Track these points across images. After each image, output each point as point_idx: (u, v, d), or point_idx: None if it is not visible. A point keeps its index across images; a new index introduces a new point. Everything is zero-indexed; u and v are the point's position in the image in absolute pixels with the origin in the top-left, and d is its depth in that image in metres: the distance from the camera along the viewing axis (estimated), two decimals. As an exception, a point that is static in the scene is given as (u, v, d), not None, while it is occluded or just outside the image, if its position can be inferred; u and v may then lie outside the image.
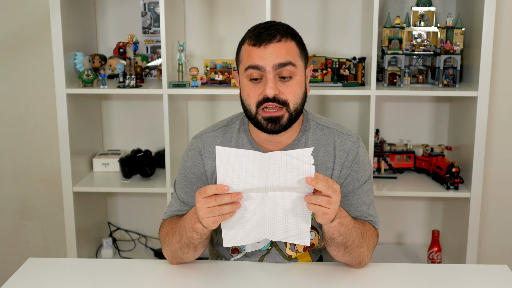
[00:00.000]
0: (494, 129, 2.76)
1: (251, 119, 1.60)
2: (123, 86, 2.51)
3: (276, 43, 1.54)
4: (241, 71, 1.60)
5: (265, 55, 1.54)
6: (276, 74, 1.55)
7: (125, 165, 2.63)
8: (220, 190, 1.41)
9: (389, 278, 1.61)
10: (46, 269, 1.66)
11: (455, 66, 2.48)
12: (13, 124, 2.89)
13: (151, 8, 2.76)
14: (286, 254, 1.69)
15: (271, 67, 1.53)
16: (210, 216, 1.44)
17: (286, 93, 1.55)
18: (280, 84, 1.55)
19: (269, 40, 1.54)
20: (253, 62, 1.54)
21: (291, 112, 1.57)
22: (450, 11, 2.67)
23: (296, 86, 1.56)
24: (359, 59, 2.56)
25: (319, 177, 1.40)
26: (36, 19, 2.76)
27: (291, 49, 1.56)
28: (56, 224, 2.96)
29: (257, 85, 1.56)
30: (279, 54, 1.54)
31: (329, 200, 1.41)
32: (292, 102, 1.56)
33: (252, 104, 1.57)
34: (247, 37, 1.59)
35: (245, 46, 1.59)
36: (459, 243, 2.60)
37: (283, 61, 1.54)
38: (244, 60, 1.58)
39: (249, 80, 1.57)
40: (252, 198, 1.44)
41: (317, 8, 2.72)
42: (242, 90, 1.61)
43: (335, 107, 2.80)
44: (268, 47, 1.54)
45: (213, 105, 2.84)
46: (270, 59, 1.53)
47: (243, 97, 1.60)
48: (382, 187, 2.56)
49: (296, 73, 1.56)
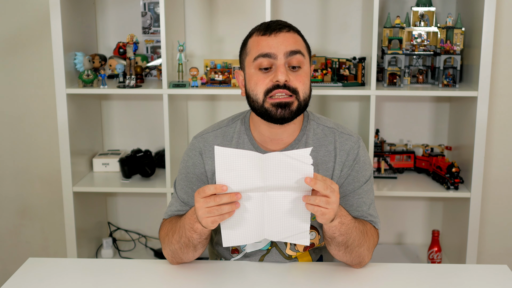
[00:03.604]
0: (494, 129, 2.76)
1: (257, 110, 1.58)
2: (123, 86, 2.51)
3: (286, 33, 1.58)
4: (248, 63, 1.60)
5: (275, 43, 1.56)
6: (286, 62, 1.56)
7: (125, 165, 2.63)
8: (219, 190, 1.41)
9: (389, 278, 1.61)
10: (46, 269, 1.66)
11: (455, 66, 2.48)
12: (13, 124, 2.89)
13: (151, 8, 2.76)
14: (286, 254, 1.69)
15: (282, 54, 1.55)
16: (209, 216, 1.44)
17: (296, 81, 1.56)
18: (290, 72, 1.56)
19: (279, 29, 1.57)
20: (264, 51, 1.55)
21: (300, 101, 1.56)
22: (450, 11, 2.67)
23: (304, 76, 1.58)
24: (359, 59, 2.56)
25: (318, 177, 1.39)
26: (36, 19, 2.76)
27: (299, 41, 1.60)
28: (56, 224, 2.96)
29: (266, 74, 1.56)
30: (289, 42, 1.56)
31: (327, 200, 1.41)
32: (301, 91, 1.56)
33: (260, 93, 1.56)
34: (254, 31, 1.62)
35: (253, 38, 1.60)
36: (459, 243, 2.60)
37: (294, 49, 1.56)
38: (252, 50, 1.58)
39: (257, 70, 1.57)
40: (251, 198, 1.43)
41: (317, 8, 2.72)
42: (249, 81, 1.60)
43: (335, 107, 2.80)
44: (278, 35, 1.56)
45: (213, 105, 2.84)
46: (282, 47, 1.55)
47: (250, 88, 1.59)
48: (382, 187, 2.56)
49: (304, 63, 1.58)
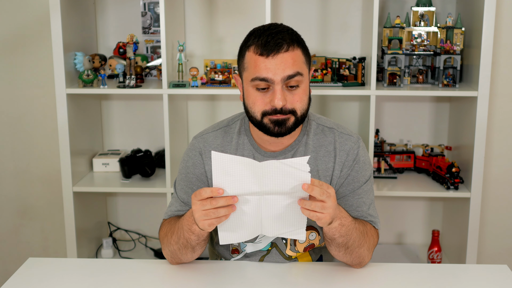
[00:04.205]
0: (494, 129, 2.76)
1: (255, 123, 1.59)
2: (123, 86, 2.51)
3: (284, 53, 1.52)
4: (246, 79, 1.58)
5: (273, 67, 1.51)
6: (284, 85, 1.53)
7: (125, 165, 2.63)
8: (215, 193, 1.41)
9: (389, 278, 1.61)
10: (46, 269, 1.66)
11: (455, 66, 2.48)
12: (13, 124, 2.89)
13: (151, 8, 2.76)
14: (286, 254, 1.69)
15: (280, 78, 1.52)
16: (206, 218, 1.44)
17: (293, 101, 1.54)
18: (287, 93, 1.54)
19: (277, 50, 1.51)
20: (261, 74, 1.52)
21: (297, 117, 1.57)
22: (450, 11, 2.67)
23: (302, 94, 1.56)
24: (359, 59, 2.56)
25: (315, 183, 1.39)
26: (36, 19, 2.76)
27: (298, 58, 1.55)
28: (56, 224, 2.96)
29: (264, 94, 1.54)
30: (287, 65, 1.52)
31: (323, 205, 1.41)
32: (299, 109, 1.56)
33: (258, 112, 1.56)
34: (252, 43, 1.55)
35: (250, 54, 1.55)
36: (459, 243, 2.60)
37: (291, 72, 1.52)
38: (250, 69, 1.55)
39: (255, 89, 1.55)
40: (248, 202, 1.43)
41: (317, 8, 2.72)
42: (247, 98, 1.59)
43: (335, 107, 2.80)
44: (276, 57, 1.51)
45: (213, 105, 2.84)
46: (279, 71, 1.51)
47: (248, 104, 1.58)
48: (382, 187, 2.56)
49: (302, 81, 1.55)
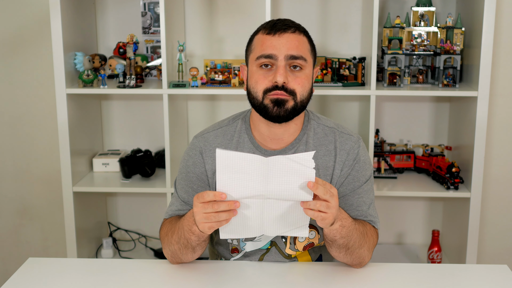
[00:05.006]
0: (494, 129, 2.76)
1: (256, 106, 1.60)
2: (123, 86, 2.51)
3: (290, 34, 1.57)
4: (251, 60, 1.61)
5: (278, 44, 1.56)
6: (287, 64, 1.56)
7: (125, 165, 2.63)
8: (218, 197, 1.40)
9: (389, 278, 1.61)
10: (46, 269, 1.66)
11: (455, 66, 2.48)
12: (13, 124, 2.89)
13: (151, 8, 2.76)
14: (286, 253, 1.69)
15: (283, 56, 1.56)
16: (207, 221, 1.44)
17: (294, 83, 1.57)
18: (290, 73, 1.57)
19: (284, 29, 1.57)
20: (266, 52, 1.57)
21: (296, 102, 1.58)
22: (450, 11, 2.67)
23: (304, 79, 1.58)
24: (359, 59, 2.56)
25: (319, 182, 1.40)
26: (36, 19, 2.76)
27: (304, 43, 1.60)
28: (56, 224, 2.96)
29: (267, 72, 1.58)
30: (292, 45, 1.56)
31: (327, 204, 1.41)
32: (299, 93, 1.57)
33: (260, 91, 1.57)
34: (261, 28, 1.62)
35: (258, 36, 1.61)
36: (459, 243, 2.60)
37: (295, 54, 1.56)
38: (256, 49, 1.60)
39: (259, 68, 1.58)
40: (250, 207, 1.43)
41: (317, 8, 2.72)
42: (251, 78, 1.61)
43: (335, 107, 2.80)
44: (282, 36, 1.57)
45: (213, 105, 2.84)
46: (283, 49, 1.56)
47: (251, 85, 1.61)
48: (382, 187, 2.56)
49: (306, 67, 1.59)
